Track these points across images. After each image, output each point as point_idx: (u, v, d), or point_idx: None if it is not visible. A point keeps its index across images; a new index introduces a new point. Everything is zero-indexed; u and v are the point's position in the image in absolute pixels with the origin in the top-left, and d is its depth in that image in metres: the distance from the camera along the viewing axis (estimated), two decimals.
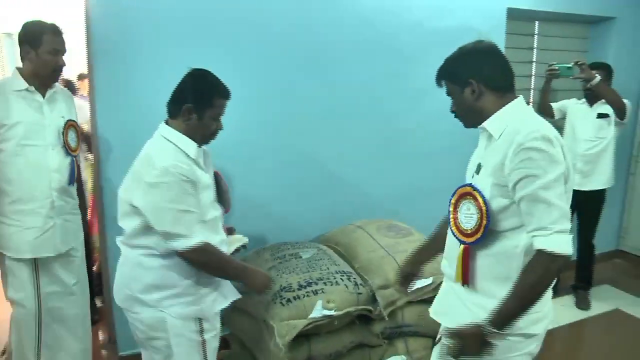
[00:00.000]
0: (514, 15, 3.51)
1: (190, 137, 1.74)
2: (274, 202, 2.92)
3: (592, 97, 3.28)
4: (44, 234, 2.18)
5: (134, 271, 1.76)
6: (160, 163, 1.62)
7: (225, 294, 1.89)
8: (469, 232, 1.45)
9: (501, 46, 3.40)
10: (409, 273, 1.89)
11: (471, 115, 1.50)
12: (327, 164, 3.05)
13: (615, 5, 3.93)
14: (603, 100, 3.20)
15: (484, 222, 1.40)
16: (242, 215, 2.68)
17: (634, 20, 4.04)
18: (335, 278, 2.30)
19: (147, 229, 1.68)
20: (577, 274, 3.58)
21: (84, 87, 5.16)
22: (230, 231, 2.16)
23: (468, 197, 1.46)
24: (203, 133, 1.76)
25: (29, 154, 2.12)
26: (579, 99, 3.46)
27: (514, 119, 1.41)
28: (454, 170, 3.39)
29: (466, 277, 1.49)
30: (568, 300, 3.58)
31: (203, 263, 1.74)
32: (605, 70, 3.26)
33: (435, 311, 1.67)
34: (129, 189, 1.70)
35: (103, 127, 2.47)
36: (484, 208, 1.39)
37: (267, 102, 2.76)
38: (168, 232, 1.65)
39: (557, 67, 3.13)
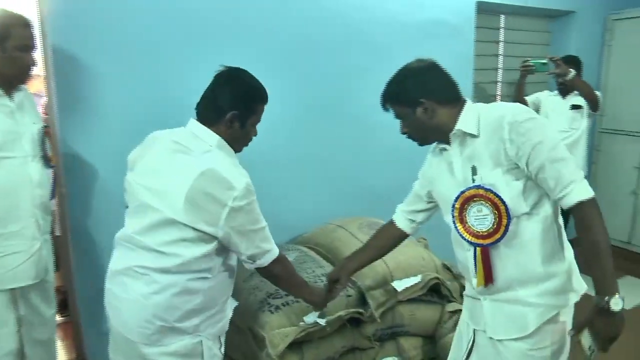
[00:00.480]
0: (482, 8, 3.52)
1: (231, 146, 1.61)
2: None
3: (564, 89, 3.34)
4: (30, 259, 1.89)
5: (176, 299, 1.51)
6: (237, 183, 1.47)
7: (231, 305, 1.78)
8: (485, 233, 1.42)
9: (472, 39, 3.46)
10: (334, 280, 1.87)
11: (427, 133, 1.53)
12: (301, 163, 2.93)
13: (575, 0, 4.02)
14: (576, 92, 3.27)
15: (505, 220, 1.38)
16: None
17: (592, 14, 4.17)
18: (322, 281, 2.20)
19: (215, 253, 1.53)
20: None
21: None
22: None
23: (476, 199, 1.43)
24: (244, 141, 1.66)
25: (8, 167, 1.81)
26: (551, 90, 3.52)
27: (481, 113, 1.45)
28: None
29: (489, 278, 1.45)
30: None
31: (279, 274, 1.68)
32: (576, 63, 3.33)
33: (498, 332, 1.52)
34: (196, 214, 1.46)
35: (64, 130, 2.24)
36: (502, 207, 1.38)
37: None
38: (256, 253, 1.57)
39: (532, 63, 3.18)
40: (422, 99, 1.45)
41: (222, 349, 1.71)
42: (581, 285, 1.48)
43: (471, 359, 1.63)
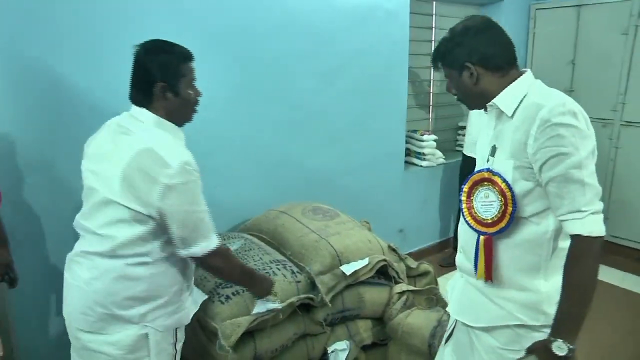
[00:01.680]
0: None
1: (172, 121, 1.53)
2: None
3: None
4: None
5: (116, 285, 1.46)
6: (173, 161, 1.41)
7: (196, 298, 1.71)
8: (490, 221, 1.34)
9: (407, 25, 3.50)
10: None
11: (472, 98, 1.42)
12: (239, 149, 2.85)
13: None
14: None
15: (510, 208, 1.29)
16: None
17: (518, 3, 4.36)
18: (271, 268, 2.16)
19: (151, 235, 1.45)
20: None
21: None
22: None
23: (485, 183, 1.34)
24: (186, 108, 1.57)
25: None
26: None
27: (528, 93, 1.31)
28: (365, 149, 3.44)
29: (489, 272, 1.36)
30: None
31: (219, 267, 1.60)
32: None
33: (457, 312, 1.53)
34: (131, 193, 1.42)
35: None
36: (508, 194, 1.28)
37: None
38: (188, 238, 1.46)
39: None
40: (467, 63, 1.34)
41: (179, 346, 1.63)
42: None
43: (450, 341, 1.63)
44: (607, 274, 3.77)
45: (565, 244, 1.28)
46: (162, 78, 1.49)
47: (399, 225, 3.89)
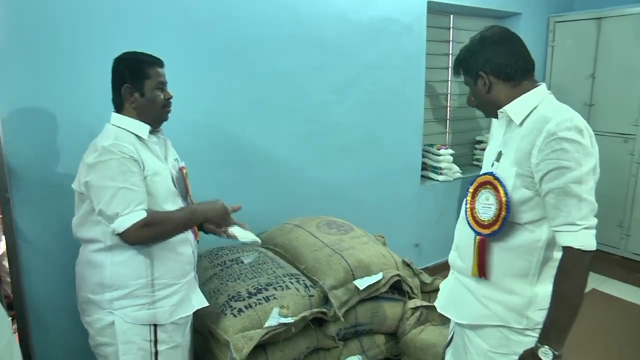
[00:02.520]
0: (432, 8, 3.58)
1: (144, 121, 1.66)
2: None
3: None
4: None
5: (86, 270, 1.66)
6: (100, 144, 1.57)
7: (190, 301, 1.74)
8: (486, 223, 1.38)
9: (423, 38, 3.50)
10: None
11: (486, 106, 1.47)
12: (253, 162, 2.87)
13: (520, 2, 4.17)
14: None
15: (503, 213, 1.32)
16: None
17: (536, 16, 4.34)
18: (284, 282, 2.16)
19: (90, 214, 1.60)
20: None
21: None
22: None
23: (488, 186, 1.38)
24: (154, 108, 1.69)
25: None
26: None
27: (539, 105, 1.35)
28: (380, 163, 3.44)
29: (482, 270, 1.41)
30: None
31: (148, 238, 1.59)
32: None
33: (443, 306, 1.58)
34: (77, 179, 1.63)
35: (8, 128, 2.05)
36: (504, 199, 1.32)
37: (188, 99, 2.45)
38: (106, 212, 1.52)
39: None
40: (480, 72, 1.40)
41: (162, 347, 1.67)
42: (539, 319, 1.36)
43: (450, 345, 1.66)
44: (629, 293, 3.69)
45: (559, 254, 1.32)
46: (128, 80, 1.65)
47: (415, 240, 3.87)
